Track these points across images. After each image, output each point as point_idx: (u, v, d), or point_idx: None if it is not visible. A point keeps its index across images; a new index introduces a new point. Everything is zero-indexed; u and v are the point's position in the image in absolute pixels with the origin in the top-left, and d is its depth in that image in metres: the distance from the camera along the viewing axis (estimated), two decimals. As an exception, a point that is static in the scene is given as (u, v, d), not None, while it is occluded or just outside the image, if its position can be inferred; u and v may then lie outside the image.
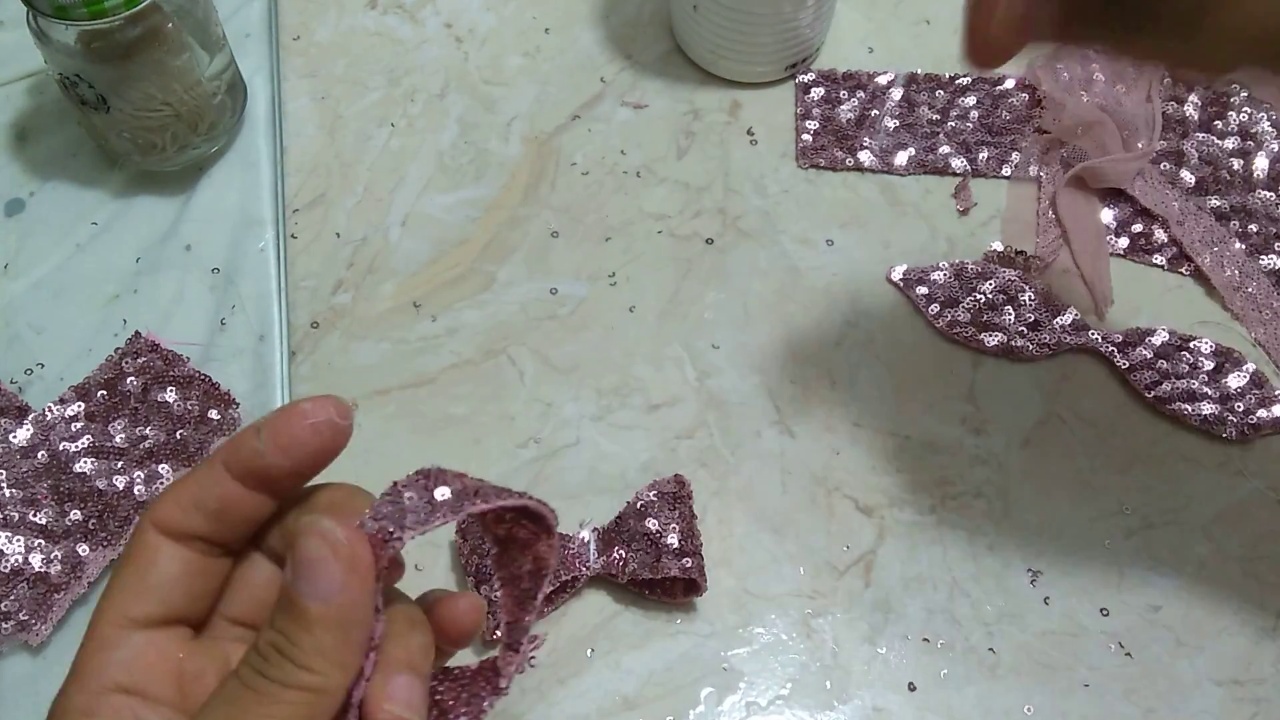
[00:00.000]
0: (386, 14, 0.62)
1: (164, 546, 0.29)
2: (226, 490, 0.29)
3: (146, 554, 0.29)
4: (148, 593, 0.28)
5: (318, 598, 0.25)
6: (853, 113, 0.58)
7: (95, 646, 0.28)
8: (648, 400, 0.51)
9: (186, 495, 0.29)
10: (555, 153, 0.57)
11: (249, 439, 0.29)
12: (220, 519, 0.29)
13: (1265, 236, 0.54)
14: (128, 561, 0.29)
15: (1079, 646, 0.45)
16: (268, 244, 0.54)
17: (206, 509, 0.29)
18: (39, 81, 0.58)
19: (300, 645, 0.25)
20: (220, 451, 0.29)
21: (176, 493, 0.29)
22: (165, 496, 0.29)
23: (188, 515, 0.29)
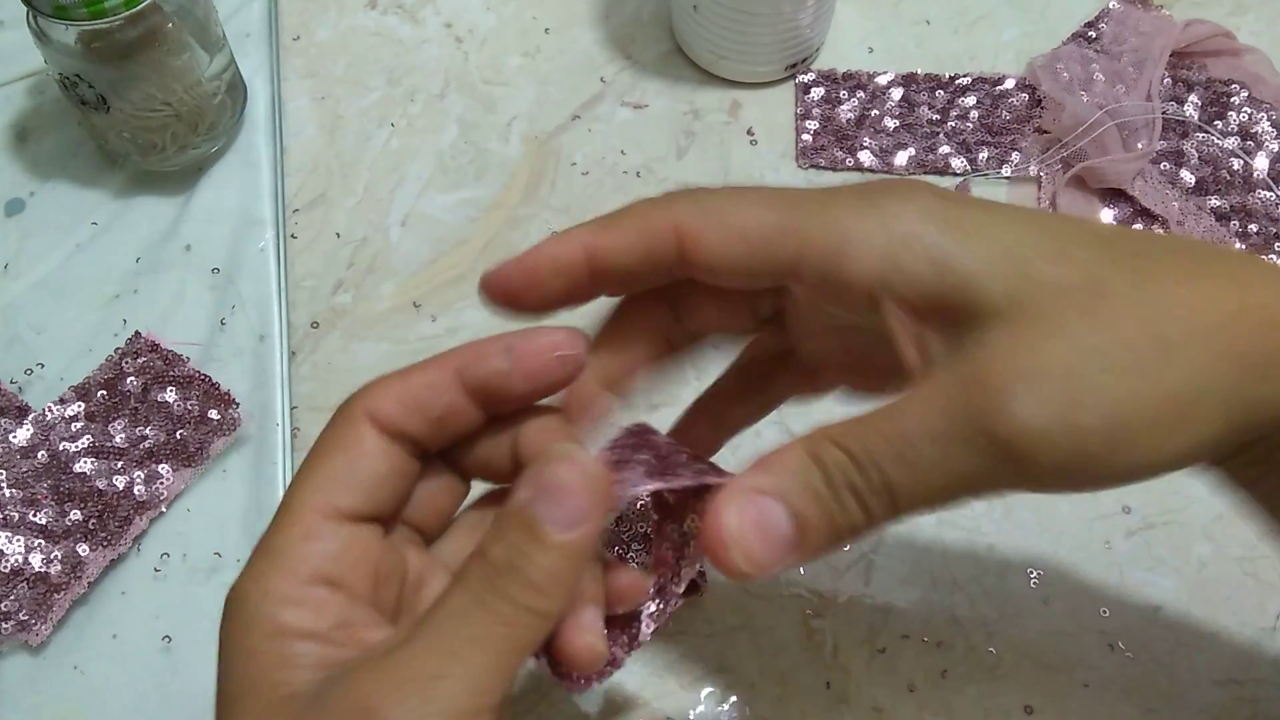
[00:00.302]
0: (386, 14, 0.62)
1: (377, 441, 0.28)
2: (454, 400, 0.28)
3: (359, 446, 0.28)
4: (358, 486, 0.27)
5: (559, 524, 0.25)
6: (853, 113, 0.58)
7: (299, 534, 0.27)
8: (648, 400, 0.51)
9: (410, 395, 0.28)
10: (555, 153, 0.57)
11: (493, 356, 0.28)
12: (439, 426, 0.28)
13: (1265, 236, 0.54)
14: (336, 449, 0.28)
15: (1079, 646, 0.45)
16: (268, 244, 0.54)
17: (428, 414, 0.28)
18: (39, 81, 0.58)
19: (537, 566, 0.25)
20: (454, 358, 0.28)
21: (398, 389, 0.28)
22: (384, 390, 0.28)
23: (408, 415, 0.28)
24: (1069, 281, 0.25)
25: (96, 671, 0.44)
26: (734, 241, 0.27)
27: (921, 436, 0.25)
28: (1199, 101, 0.58)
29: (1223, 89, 0.58)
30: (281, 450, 0.49)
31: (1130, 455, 0.25)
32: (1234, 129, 0.57)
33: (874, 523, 0.26)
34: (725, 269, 0.28)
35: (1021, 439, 0.24)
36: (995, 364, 0.25)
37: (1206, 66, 0.59)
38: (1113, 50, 0.59)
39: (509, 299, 0.30)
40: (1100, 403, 0.24)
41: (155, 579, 0.46)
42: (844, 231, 0.27)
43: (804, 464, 0.26)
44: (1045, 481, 0.25)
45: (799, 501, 0.26)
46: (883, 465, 0.26)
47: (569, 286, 0.29)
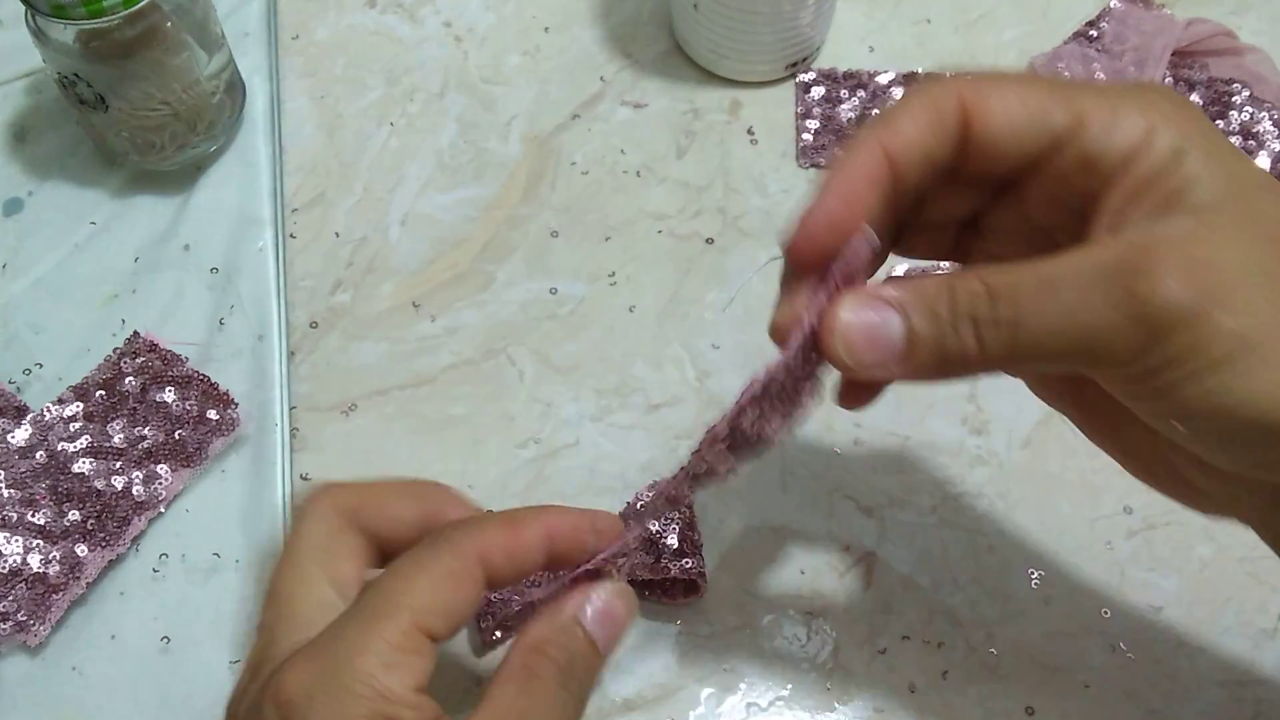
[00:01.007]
0: (385, 13, 0.62)
1: (480, 584, 0.30)
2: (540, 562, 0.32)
3: (468, 589, 0.30)
4: (456, 623, 0.30)
5: (607, 644, 0.32)
6: (854, 112, 0.58)
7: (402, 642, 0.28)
8: (648, 400, 0.51)
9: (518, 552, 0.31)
10: (555, 152, 0.57)
11: (581, 529, 0.32)
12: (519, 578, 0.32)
13: (1266, 236, 0.54)
14: (454, 583, 0.29)
15: (1080, 647, 0.45)
16: (266, 244, 0.54)
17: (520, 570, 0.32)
18: (37, 81, 0.58)
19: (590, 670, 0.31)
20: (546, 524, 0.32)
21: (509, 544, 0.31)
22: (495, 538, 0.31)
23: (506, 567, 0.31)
24: (1277, 215, 0.27)
25: (95, 672, 0.44)
26: (1015, 110, 0.28)
27: (1067, 281, 0.26)
28: (1200, 101, 0.58)
29: (1224, 88, 0.58)
30: (280, 450, 0.49)
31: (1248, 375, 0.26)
32: (1235, 129, 0.57)
33: (984, 357, 0.28)
34: (1006, 140, 0.29)
35: (1161, 309, 0.25)
36: (1168, 238, 0.26)
37: (1208, 66, 0.59)
38: (1114, 49, 0.59)
39: (834, 236, 0.29)
40: (1244, 313, 0.25)
41: (154, 579, 0.46)
42: (1113, 108, 0.28)
43: (937, 288, 0.28)
44: (1155, 369, 0.26)
45: (916, 317, 0.28)
46: (1019, 299, 0.27)
47: (883, 200, 0.29)
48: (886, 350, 0.28)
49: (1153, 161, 0.27)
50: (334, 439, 0.49)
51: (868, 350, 0.28)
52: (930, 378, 0.29)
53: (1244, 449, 0.27)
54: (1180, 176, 0.27)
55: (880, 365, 0.29)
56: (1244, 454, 0.28)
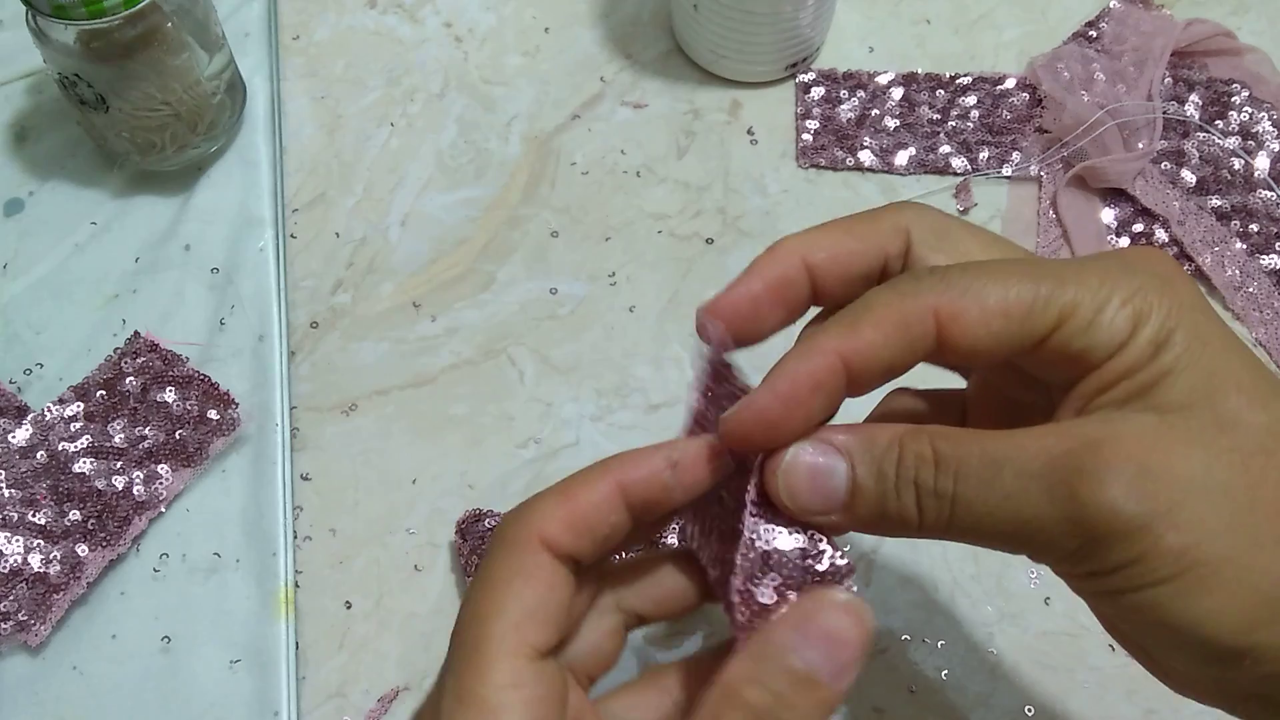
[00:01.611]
0: (386, 13, 0.62)
1: (556, 569, 0.27)
2: (620, 519, 0.27)
3: (543, 576, 0.26)
4: (551, 621, 0.26)
5: (834, 675, 0.25)
6: (853, 112, 0.58)
7: (504, 680, 0.25)
8: (648, 400, 0.51)
9: (579, 516, 0.27)
10: (555, 152, 0.57)
11: (659, 470, 0.27)
12: (605, 545, 0.27)
13: (1266, 236, 0.54)
14: (520, 580, 0.26)
15: (1079, 647, 0.45)
16: (267, 244, 0.54)
17: (597, 534, 0.27)
18: (38, 81, 0.58)
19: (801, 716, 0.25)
20: (614, 471, 0.28)
21: (566, 511, 0.27)
22: (551, 512, 0.27)
23: (579, 538, 0.27)
24: (1251, 423, 0.25)
25: (96, 672, 0.44)
26: (996, 319, 0.26)
27: (1012, 464, 0.25)
28: (1200, 101, 0.58)
29: (1223, 88, 0.58)
30: (281, 450, 0.49)
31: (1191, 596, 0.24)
32: (1235, 129, 0.57)
33: (922, 525, 0.26)
34: (984, 349, 0.27)
35: (1101, 517, 0.24)
36: (1122, 437, 0.25)
37: (1207, 66, 0.59)
38: (1113, 50, 0.59)
39: (768, 437, 0.27)
40: (1190, 530, 0.24)
41: (154, 579, 0.46)
42: (1100, 300, 0.26)
43: (888, 444, 0.27)
44: (1094, 573, 0.25)
45: (862, 469, 0.27)
46: (962, 474, 0.25)
47: (830, 406, 0.27)
48: (828, 497, 0.27)
49: (1134, 354, 0.26)
50: (334, 439, 0.49)
51: (809, 495, 0.27)
52: (870, 531, 0.27)
53: (1196, 662, 0.25)
54: (1155, 369, 0.25)
55: (821, 512, 0.27)
56: (1196, 667, 0.26)
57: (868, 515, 0.27)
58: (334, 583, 0.47)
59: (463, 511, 0.46)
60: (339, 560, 0.47)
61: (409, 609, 0.46)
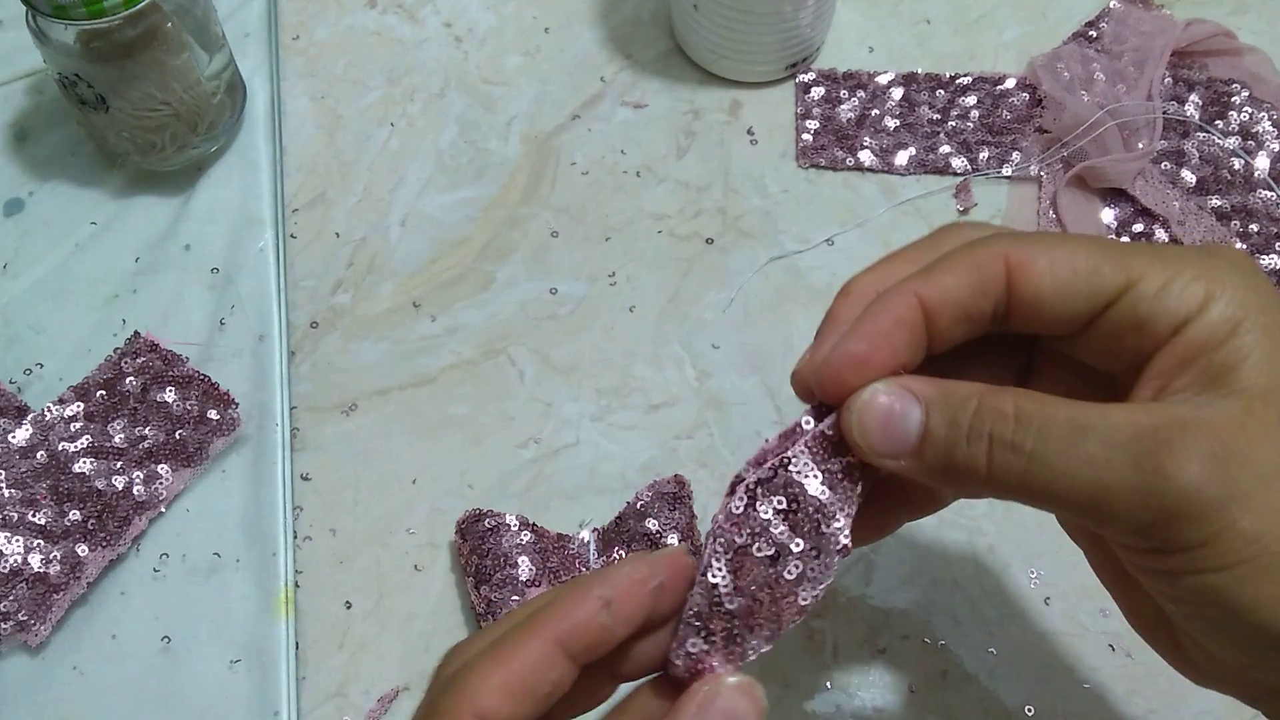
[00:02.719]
0: (386, 13, 0.62)
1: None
2: (561, 673, 0.26)
3: None
4: None
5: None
6: (853, 112, 0.58)
7: None
8: (648, 400, 0.51)
9: (516, 682, 0.26)
10: (555, 152, 0.57)
11: (593, 616, 0.27)
12: (549, 700, 0.27)
13: (1266, 236, 0.54)
14: None
15: (1079, 647, 0.45)
16: (267, 244, 0.54)
17: (538, 695, 0.26)
18: (38, 81, 0.58)
19: None
20: (549, 626, 0.26)
21: (502, 679, 0.26)
22: (486, 682, 0.26)
23: (519, 705, 0.26)
24: None
25: (96, 672, 0.44)
26: (1063, 271, 0.27)
27: (1098, 432, 0.25)
28: (1200, 101, 0.58)
29: (1223, 88, 0.58)
30: (281, 450, 0.49)
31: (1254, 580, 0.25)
32: (1235, 129, 0.57)
33: (990, 479, 0.27)
34: (1051, 302, 0.27)
35: (1182, 492, 0.24)
36: (1207, 421, 0.25)
37: (1207, 66, 0.59)
38: (1113, 50, 0.59)
39: (858, 375, 0.27)
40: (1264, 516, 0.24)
41: (154, 579, 0.46)
42: (1171, 272, 0.27)
43: (966, 396, 0.27)
44: (1162, 549, 0.25)
45: (936, 416, 0.27)
46: (1046, 433, 0.26)
47: (914, 347, 0.28)
48: (899, 440, 0.27)
49: (1206, 330, 0.26)
50: (334, 439, 0.50)
51: (881, 435, 0.27)
52: (937, 482, 0.28)
53: (1241, 649, 0.26)
54: (1233, 350, 0.26)
55: (890, 454, 0.27)
56: (1240, 653, 0.27)
57: (935, 463, 0.27)
58: (334, 583, 0.47)
59: (463, 511, 0.46)
60: (339, 560, 0.47)
61: (409, 609, 0.46)
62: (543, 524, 0.46)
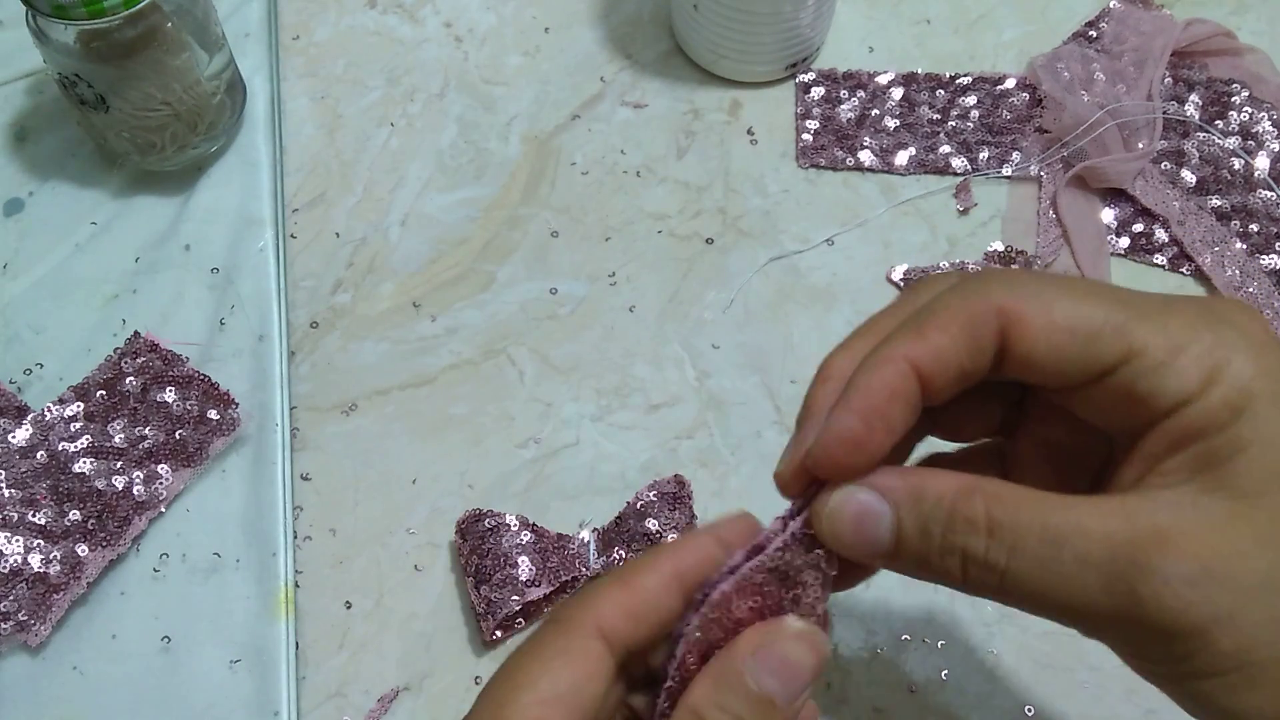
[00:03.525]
0: (386, 13, 0.62)
1: (604, 659, 0.27)
2: (676, 605, 0.27)
3: (587, 664, 0.26)
4: (580, 708, 0.26)
5: (785, 700, 0.26)
6: (853, 112, 0.58)
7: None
8: (648, 400, 0.51)
9: (638, 604, 0.27)
10: (555, 152, 0.57)
11: (710, 552, 0.27)
12: (659, 633, 0.27)
13: (1266, 236, 0.54)
14: (565, 661, 0.26)
15: (1079, 647, 0.45)
16: (267, 244, 0.54)
17: (654, 621, 0.27)
18: (38, 81, 0.58)
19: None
20: (669, 560, 0.27)
21: (624, 597, 0.27)
22: (609, 597, 0.27)
23: (638, 626, 0.27)
24: None
25: (96, 672, 0.44)
26: (1060, 334, 0.25)
27: (1072, 550, 0.24)
28: (1200, 101, 0.58)
29: (1223, 88, 0.58)
30: (281, 450, 0.49)
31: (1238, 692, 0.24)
32: (1235, 129, 0.57)
33: (966, 584, 0.26)
34: (1045, 364, 0.26)
35: (1158, 619, 0.24)
36: (1190, 531, 0.24)
37: (1207, 66, 0.59)
38: (1113, 50, 0.59)
39: (854, 456, 0.26)
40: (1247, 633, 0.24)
41: (154, 579, 0.46)
42: (1174, 346, 0.25)
43: (936, 501, 0.26)
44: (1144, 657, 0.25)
45: (909, 521, 0.26)
46: (1017, 547, 0.25)
47: (909, 415, 0.27)
48: (873, 543, 0.27)
49: (1205, 415, 0.24)
50: (334, 439, 0.49)
51: (854, 539, 0.27)
52: (917, 577, 0.28)
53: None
54: (1230, 439, 0.24)
55: (866, 556, 0.27)
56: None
57: (911, 565, 0.27)
58: (334, 583, 0.47)
59: (463, 511, 0.46)
60: (339, 560, 0.47)
61: (409, 609, 0.46)
62: (543, 524, 0.46)
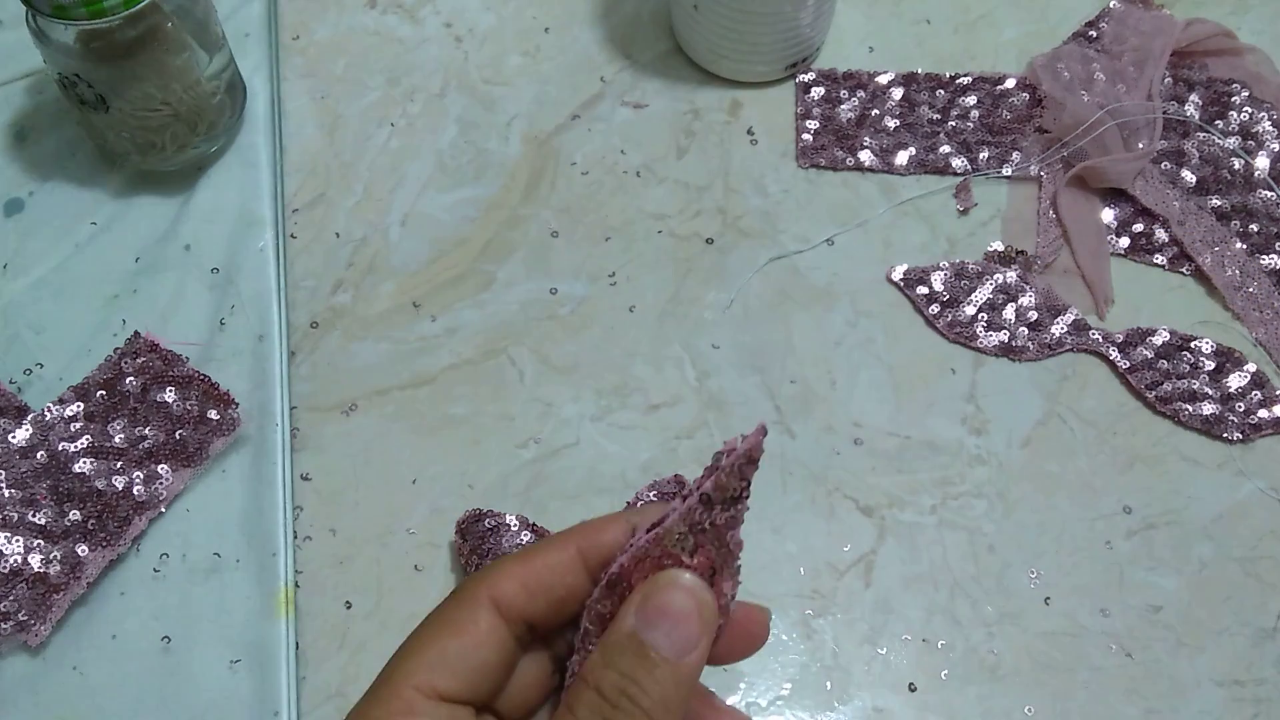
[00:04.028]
0: (386, 13, 0.62)
1: (494, 627, 0.27)
2: (578, 581, 0.27)
3: (475, 630, 0.27)
4: (465, 673, 0.27)
5: (674, 651, 0.26)
6: (853, 112, 0.58)
7: (399, 707, 0.26)
8: (648, 400, 0.51)
9: (534, 577, 0.27)
10: (555, 152, 0.57)
11: (619, 533, 0.28)
12: (558, 608, 0.28)
13: (1266, 236, 0.54)
14: (450, 629, 0.27)
15: (1079, 647, 0.45)
16: (267, 244, 0.54)
17: (552, 596, 0.27)
18: (38, 81, 0.58)
19: (649, 694, 0.25)
20: (574, 537, 0.28)
21: (521, 570, 0.27)
22: (508, 573, 0.27)
23: (532, 600, 0.27)
24: None
25: (96, 672, 0.44)
26: None
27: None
28: (1200, 101, 0.58)
29: (1223, 88, 0.58)
30: (281, 450, 0.49)
31: None
32: (1235, 128, 0.57)
33: None
34: None
35: None
36: None
37: (1207, 66, 0.59)
38: (1113, 49, 0.59)
39: None
40: None
41: (154, 579, 0.46)
42: None
43: None
44: None
45: None
46: None
47: None
48: None
49: None
50: (334, 439, 0.50)
51: None
52: None
53: None
54: None
55: None
56: None
57: None
58: (334, 583, 0.47)
59: (463, 511, 0.46)
60: (339, 560, 0.47)
61: (409, 609, 0.46)
62: (543, 524, 0.46)
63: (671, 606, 0.26)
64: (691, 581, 0.26)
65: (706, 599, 0.26)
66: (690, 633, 0.26)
